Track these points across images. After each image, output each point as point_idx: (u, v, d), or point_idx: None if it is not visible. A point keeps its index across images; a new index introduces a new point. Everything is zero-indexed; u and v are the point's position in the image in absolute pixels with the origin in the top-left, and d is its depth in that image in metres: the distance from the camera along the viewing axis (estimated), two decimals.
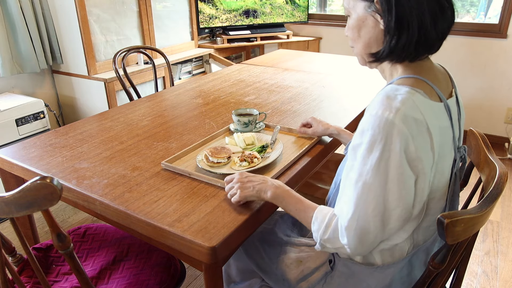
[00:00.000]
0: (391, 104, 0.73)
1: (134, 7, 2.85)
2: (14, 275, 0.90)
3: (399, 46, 0.81)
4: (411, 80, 0.80)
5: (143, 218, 0.94)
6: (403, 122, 0.72)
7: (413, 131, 0.73)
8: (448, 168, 0.86)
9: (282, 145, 1.22)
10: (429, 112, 0.76)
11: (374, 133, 0.74)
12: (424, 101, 0.76)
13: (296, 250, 1.08)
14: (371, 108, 0.76)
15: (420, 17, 0.78)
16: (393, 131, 0.72)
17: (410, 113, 0.73)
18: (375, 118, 0.74)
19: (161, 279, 1.12)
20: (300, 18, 3.82)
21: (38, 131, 2.36)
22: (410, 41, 0.80)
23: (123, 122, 1.53)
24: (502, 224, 2.24)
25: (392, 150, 0.73)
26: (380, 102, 0.75)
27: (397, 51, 0.82)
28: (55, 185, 0.71)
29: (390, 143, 0.73)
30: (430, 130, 0.75)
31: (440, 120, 0.79)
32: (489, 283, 1.81)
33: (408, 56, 0.83)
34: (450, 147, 0.84)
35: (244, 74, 2.23)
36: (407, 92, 0.75)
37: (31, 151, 1.29)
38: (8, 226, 2.18)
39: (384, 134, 0.73)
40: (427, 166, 0.77)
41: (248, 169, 1.10)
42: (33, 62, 2.51)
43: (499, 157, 2.97)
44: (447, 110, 0.81)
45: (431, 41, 0.81)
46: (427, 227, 0.89)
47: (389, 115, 0.72)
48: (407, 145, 0.73)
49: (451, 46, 3.18)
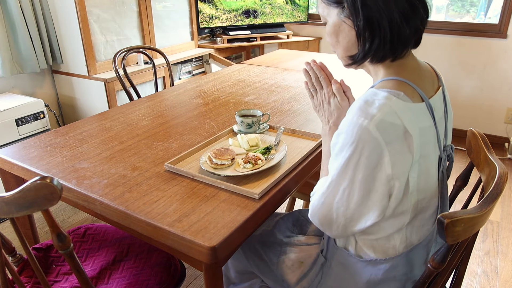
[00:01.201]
0: (368, 110, 0.76)
1: (134, 7, 2.85)
2: (14, 275, 0.90)
3: (373, 47, 0.83)
4: (392, 82, 0.82)
5: (143, 218, 0.94)
6: (377, 128, 0.75)
7: (387, 137, 0.75)
8: (435, 167, 0.86)
9: (286, 147, 1.22)
10: (408, 115, 0.77)
11: (347, 137, 0.78)
12: (402, 105, 0.78)
13: (296, 250, 1.09)
14: (350, 112, 0.79)
15: (389, 17, 0.79)
16: (366, 137, 0.75)
17: (387, 118, 0.75)
18: (350, 122, 0.78)
19: (161, 279, 1.12)
20: (300, 18, 3.82)
21: (38, 131, 2.36)
22: (383, 41, 0.81)
23: (123, 122, 1.53)
24: (502, 224, 2.24)
25: (362, 154, 0.77)
26: (358, 107, 0.78)
27: (372, 52, 0.84)
28: (55, 185, 0.71)
29: (361, 147, 0.76)
30: (409, 133, 0.77)
31: (421, 121, 0.80)
32: (489, 283, 1.81)
33: (386, 56, 0.84)
34: (433, 146, 0.85)
35: (244, 74, 2.23)
36: (385, 98, 0.77)
37: (31, 151, 1.29)
38: (8, 226, 2.18)
39: (356, 138, 0.76)
40: (403, 168, 0.78)
41: (252, 171, 1.09)
42: (33, 62, 2.51)
43: (499, 157, 2.98)
44: (430, 110, 0.83)
45: (404, 38, 0.82)
46: (420, 226, 0.90)
47: (364, 122, 0.75)
48: (380, 151, 0.76)
49: (451, 46, 3.18)
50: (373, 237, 0.90)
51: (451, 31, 3.16)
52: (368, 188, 0.79)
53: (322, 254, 1.01)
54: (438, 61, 3.23)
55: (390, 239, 0.89)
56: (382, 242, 0.90)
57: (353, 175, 0.79)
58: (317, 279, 1.00)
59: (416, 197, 0.84)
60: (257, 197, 1.00)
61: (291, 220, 1.24)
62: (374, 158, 0.76)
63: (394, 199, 0.81)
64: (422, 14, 0.82)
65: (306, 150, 1.24)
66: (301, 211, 1.28)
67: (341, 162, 0.80)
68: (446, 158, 0.89)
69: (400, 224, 0.87)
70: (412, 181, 0.81)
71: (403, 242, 0.90)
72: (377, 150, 0.76)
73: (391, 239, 0.89)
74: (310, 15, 3.89)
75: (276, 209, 1.09)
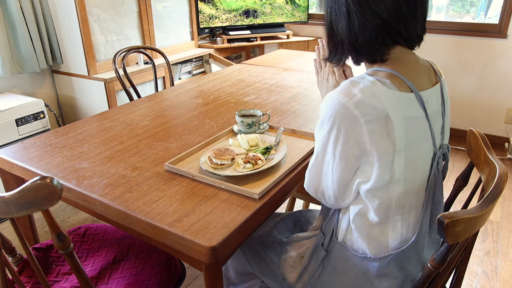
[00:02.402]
0: (351, 90, 0.80)
1: (134, 7, 2.85)
2: (14, 275, 0.90)
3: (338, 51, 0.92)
4: (382, 72, 0.85)
5: (143, 218, 0.94)
6: (356, 107, 0.78)
7: (367, 116, 0.78)
8: (423, 160, 0.87)
9: (286, 147, 1.22)
10: (391, 101, 0.80)
11: (326, 111, 0.82)
12: (386, 91, 0.80)
13: (296, 246, 1.09)
14: (335, 90, 0.82)
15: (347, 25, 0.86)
16: (343, 112, 0.79)
17: (367, 100, 0.78)
18: (331, 99, 0.81)
19: (161, 279, 1.12)
20: (300, 18, 3.82)
21: (38, 131, 2.36)
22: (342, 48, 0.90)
23: (123, 122, 1.53)
24: (502, 224, 2.24)
25: (340, 129, 0.81)
26: (343, 85, 0.82)
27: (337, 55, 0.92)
28: (55, 185, 0.71)
29: (339, 122, 0.80)
30: (390, 119, 0.79)
31: (407, 110, 0.82)
32: (489, 283, 1.81)
33: (360, 60, 0.90)
34: (423, 138, 0.85)
35: (244, 74, 2.23)
36: (370, 82, 0.81)
37: (31, 151, 1.29)
38: (8, 226, 2.18)
39: (333, 113, 0.81)
40: (384, 150, 0.81)
41: (252, 171, 1.09)
42: (33, 62, 2.51)
43: (499, 157, 2.98)
44: (420, 102, 0.84)
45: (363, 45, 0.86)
46: (415, 223, 0.91)
47: (343, 99, 0.79)
48: (357, 127, 0.79)
49: (451, 46, 3.18)
50: (366, 222, 0.91)
51: (451, 31, 3.16)
52: (348, 162, 0.83)
53: (323, 246, 1.01)
54: (438, 61, 3.23)
55: (384, 233, 0.90)
56: (376, 234, 0.90)
57: (334, 149, 0.84)
58: (318, 272, 1.00)
59: (403, 187, 0.85)
60: (257, 197, 1.00)
61: (291, 221, 1.24)
62: (352, 133, 0.80)
63: (376, 178, 0.83)
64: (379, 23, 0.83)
65: (306, 150, 1.24)
66: (302, 212, 1.28)
67: (322, 136, 0.85)
68: (441, 156, 0.90)
69: (387, 212, 0.87)
70: (399, 169, 0.82)
71: (397, 239, 0.90)
72: (354, 126, 0.79)
73: (384, 234, 0.90)
74: (310, 15, 3.89)
75: (276, 209, 1.09)
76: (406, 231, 0.90)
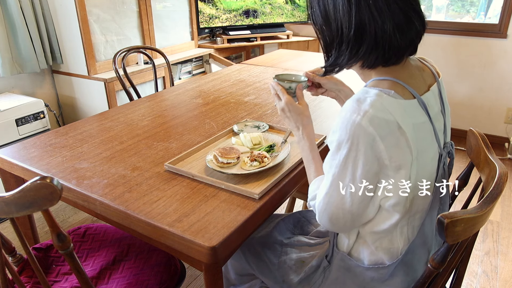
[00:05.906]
0: (360, 107, 0.78)
1: (134, 7, 2.85)
2: (14, 275, 0.90)
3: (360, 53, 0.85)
4: (383, 82, 0.84)
5: (143, 218, 0.94)
6: (370, 123, 0.76)
7: (381, 132, 0.77)
8: (431, 163, 0.87)
9: (289, 145, 1.22)
10: (399, 111, 0.79)
11: (341, 134, 0.79)
12: (394, 102, 0.79)
13: (297, 250, 1.09)
14: (343, 110, 0.81)
15: (382, 26, 0.80)
16: (359, 132, 0.77)
17: (379, 114, 0.77)
18: (343, 120, 0.79)
19: (161, 279, 1.12)
20: (300, 18, 3.82)
21: (38, 131, 2.36)
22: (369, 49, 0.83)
23: (123, 122, 1.53)
24: (502, 224, 2.24)
25: (359, 150, 0.78)
26: (350, 105, 0.79)
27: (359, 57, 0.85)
28: (55, 185, 0.71)
29: (357, 143, 0.78)
30: (402, 129, 0.78)
31: (414, 117, 0.81)
32: (489, 283, 1.81)
33: (377, 63, 0.85)
34: (430, 141, 0.85)
35: (244, 74, 2.23)
36: (376, 95, 0.79)
37: (31, 151, 1.29)
38: (8, 226, 2.18)
39: (350, 135, 0.78)
40: (405, 161, 0.80)
41: (259, 169, 1.10)
42: (33, 62, 2.51)
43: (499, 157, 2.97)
44: (423, 106, 0.83)
45: (397, 49, 0.83)
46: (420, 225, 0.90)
47: (356, 118, 0.77)
48: (375, 145, 0.77)
49: (451, 46, 3.18)
50: (375, 230, 0.89)
51: (451, 31, 3.16)
52: (369, 182, 0.81)
53: (327, 259, 1.01)
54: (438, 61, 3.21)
55: (393, 241, 0.89)
56: (386, 245, 0.90)
57: (353, 171, 0.80)
58: (318, 282, 1.00)
59: (412, 193, 0.84)
60: (257, 197, 1.00)
61: (292, 222, 1.24)
62: (371, 153, 0.78)
63: (397, 191, 0.82)
64: (418, 27, 0.82)
65: None
66: (302, 212, 1.28)
67: (339, 160, 0.81)
68: (446, 155, 0.90)
69: (395, 218, 0.86)
70: (413, 177, 0.82)
71: (406, 245, 0.90)
72: (372, 144, 0.77)
73: (394, 241, 0.89)
74: None
75: (276, 209, 1.09)
76: (411, 234, 0.90)
